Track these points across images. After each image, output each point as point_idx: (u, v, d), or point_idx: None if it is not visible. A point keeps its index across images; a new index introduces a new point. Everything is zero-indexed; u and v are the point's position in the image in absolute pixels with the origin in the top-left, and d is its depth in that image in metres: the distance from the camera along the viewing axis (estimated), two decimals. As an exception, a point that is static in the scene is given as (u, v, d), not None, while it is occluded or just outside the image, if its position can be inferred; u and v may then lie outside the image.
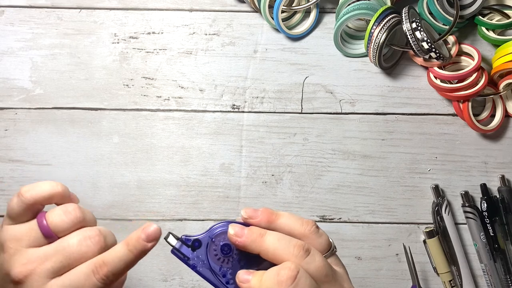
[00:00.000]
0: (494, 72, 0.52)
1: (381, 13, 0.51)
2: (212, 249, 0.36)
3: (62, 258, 0.34)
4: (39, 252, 0.34)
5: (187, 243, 0.36)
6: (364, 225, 0.53)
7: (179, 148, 0.54)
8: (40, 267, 0.34)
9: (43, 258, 0.34)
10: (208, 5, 0.55)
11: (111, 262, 0.34)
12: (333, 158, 0.54)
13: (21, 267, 0.34)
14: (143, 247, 0.35)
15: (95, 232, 0.35)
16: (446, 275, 0.52)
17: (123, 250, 0.35)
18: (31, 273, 0.34)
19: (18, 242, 0.35)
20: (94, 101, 0.54)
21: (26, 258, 0.34)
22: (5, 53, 0.54)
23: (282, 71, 0.55)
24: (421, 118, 0.54)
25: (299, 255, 0.34)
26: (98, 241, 0.35)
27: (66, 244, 0.34)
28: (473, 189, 0.54)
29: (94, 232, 0.35)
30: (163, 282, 0.52)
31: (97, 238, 0.35)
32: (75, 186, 0.53)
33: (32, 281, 0.34)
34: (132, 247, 0.35)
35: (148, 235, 0.35)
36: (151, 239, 0.35)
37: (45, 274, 0.34)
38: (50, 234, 0.35)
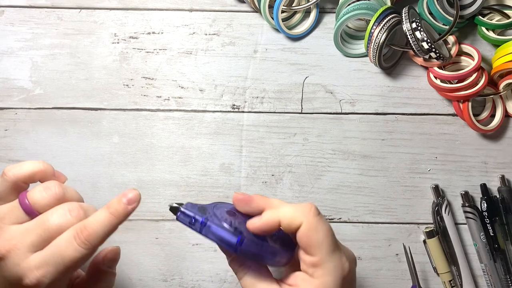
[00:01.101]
0: (494, 72, 0.52)
1: (381, 13, 0.51)
2: (218, 211, 0.37)
3: (41, 232, 0.35)
4: (21, 228, 0.35)
5: (193, 206, 0.37)
6: (364, 225, 0.53)
7: (179, 148, 0.54)
8: (21, 242, 0.35)
9: (25, 233, 0.35)
10: (208, 5, 0.55)
11: (92, 225, 0.35)
12: (333, 158, 0.54)
13: (3, 243, 0.35)
14: (124, 209, 0.36)
15: (75, 206, 0.36)
16: (446, 275, 0.52)
17: (104, 214, 0.36)
18: (13, 247, 0.34)
19: (2, 220, 0.36)
20: (94, 101, 0.54)
21: (9, 234, 0.35)
22: (5, 53, 0.54)
23: (282, 71, 0.55)
24: (421, 118, 0.54)
25: (314, 211, 0.37)
26: (77, 214, 0.36)
27: (45, 218, 0.35)
28: (473, 189, 0.54)
29: (74, 206, 0.36)
30: (163, 282, 0.52)
31: (77, 211, 0.36)
32: (75, 186, 0.52)
33: (14, 256, 0.34)
34: (113, 210, 0.36)
35: (129, 199, 0.37)
36: (132, 201, 0.37)
37: (26, 249, 0.35)
38: (31, 210, 0.36)
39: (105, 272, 0.39)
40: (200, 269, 0.52)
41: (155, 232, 0.53)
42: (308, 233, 0.36)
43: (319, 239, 0.36)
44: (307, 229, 0.36)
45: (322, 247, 0.36)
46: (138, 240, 0.52)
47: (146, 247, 0.52)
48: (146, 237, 0.52)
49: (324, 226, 0.36)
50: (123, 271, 0.52)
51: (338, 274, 0.36)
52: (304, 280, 0.36)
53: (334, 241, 0.37)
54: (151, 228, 0.53)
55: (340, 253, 0.37)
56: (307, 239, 0.36)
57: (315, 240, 0.36)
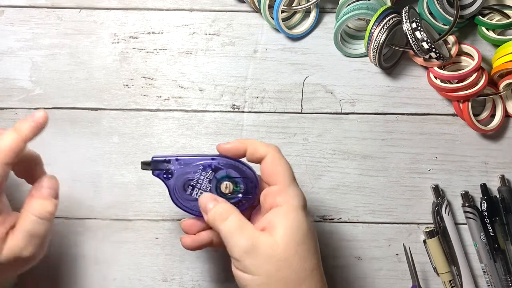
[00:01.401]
0: (494, 72, 0.52)
1: (381, 13, 0.51)
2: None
3: None
4: None
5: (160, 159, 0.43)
6: (364, 225, 0.53)
7: (179, 148, 0.54)
8: None
9: None
10: (208, 5, 0.55)
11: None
12: (333, 158, 0.54)
13: None
14: (29, 126, 0.40)
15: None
16: (446, 275, 0.52)
17: (10, 134, 0.39)
18: None
19: None
20: (94, 101, 0.54)
21: None
22: (5, 53, 0.54)
23: (282, 71, 0.55)
24: (421, 118, 0.54)
25: (277, 149, 0.43)
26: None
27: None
28: (473, 189, 0.54)
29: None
30: (163, 282, 0.52)
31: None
32: (75, 186, 0.53)
33: None
34: (19, 130, 0.39)
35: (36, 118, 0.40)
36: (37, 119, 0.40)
37: None
38: None
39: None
40: (200, 269, 0.52)
41: (155, 232, 0.53)
42: (272, 162, 0.41)
43: (282, 169, 0.41)
44: (271, 159, 0.41)
45: (284, 175, 0.41)
46: (138, 240, 0.52)
47: (146, 247, 0.52)
48: (146, 237, 0.52)
49: (285, 160, 0.42)
50: (123, 271, 0.52)
51: (300, 199, 0.41)
52: (274, 213, 0.40)
53: (293, 175, 0.42)
54: (151, 228, 0.53)
55: (297, 184, 0.42)
56: (272, 168, 0.41)
57: (278, 169, 0.41)
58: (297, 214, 0.40)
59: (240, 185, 0.43)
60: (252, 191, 0.43)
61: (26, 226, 0.39)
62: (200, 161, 0.43)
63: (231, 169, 0.43)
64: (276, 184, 0.41)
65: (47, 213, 0.40)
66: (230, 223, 0.39)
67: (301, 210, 0.40)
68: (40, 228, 0.39)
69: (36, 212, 0.39)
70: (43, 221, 0.40)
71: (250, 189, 0.43)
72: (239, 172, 0.43)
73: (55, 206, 0.41)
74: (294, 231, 0.39)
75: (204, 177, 0.43)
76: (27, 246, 0.39)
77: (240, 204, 0.43)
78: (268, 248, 0.38)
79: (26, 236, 0.39)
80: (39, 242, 0.39)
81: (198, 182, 0.43)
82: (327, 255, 0.52)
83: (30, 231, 0.39)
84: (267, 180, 0.42)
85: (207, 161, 0.43)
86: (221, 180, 0.43)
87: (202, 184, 0.43)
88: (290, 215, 0.39)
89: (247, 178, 0.43)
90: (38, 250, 0.40)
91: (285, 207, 0.40)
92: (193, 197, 0.43)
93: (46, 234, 0.40)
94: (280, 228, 0.39)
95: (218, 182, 0.43)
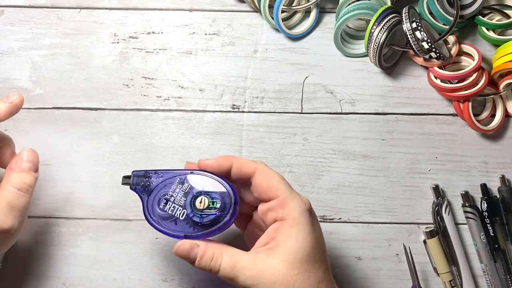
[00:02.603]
0: (494, 72, 0.52)
1: (381, 13, 0.51)
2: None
3: None
4: None
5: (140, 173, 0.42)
6: (364, 225, 0.53)
7: (179, 148, 0.54)
8: None
9: None
10: (208, 5, 0.55)
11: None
12: (333, 158, 0.54)
13: None
14: (5, 106, 0.42)
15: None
16: (446, 275, 0.52)
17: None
18: None
19: None
20: (94, 101, 0.54)
21: None
22: (5, 53, 0.54)
23: (282, 71, 0.55)
24: (421, 118, 0.54)
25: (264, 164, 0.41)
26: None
27: None
28: (473, 189, 0.53)
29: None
30: (163, 282, 0.52)
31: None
32: (75, 186, 0.53)
33: None
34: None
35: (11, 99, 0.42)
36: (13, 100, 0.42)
37: None
38: None
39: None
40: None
41: (155, 232, 0.52)
42: (265, 176, 0.40)
43: (276, 181, 0.40)
44: (262, 174, 0.40)
45: (281, 186, 0.40)
46: (138, 240, 0.52)
47: (146, 247, 0.52)
48: (146, 237, 0.52)
49: (276, 172, 0.41)
50: (123, 271, 0.52)
51: (303, 208, 0.39)
52: (277, 228, 0.39)
53: (288, 184, 0.41)
54: (151, 228, 0.52)
55: (296, 192, 0.40)
56: (266, 183, 0.40)
57: (273, 182, 0.40)
58: (302, 226, 0.38)
59: (217, 201, 0.40)
60: (229, 208, 0.40)
61: (5, 198, 0.40)
62: (178, 174, 0.41)
63: (209, 184, 0.41)
64: (274, 198, 0.40)
65: (26, 185, 0.41)
66: (226, 266, 0.38)
67: (306, 219, 0.39)
68: (19, 200, 0.40)
69: (16, 185, 0.40)
70: (22, 194, 0.41)
71: (227, 206, 0.40)
72: (216, 187, 0.41)
73: (35, 179, 0.42)
74: (297, 249, 0.38)
75: (180, 190, 0.41)
76: (7, 218, 0.39)
77: (216, 223, 0.40)
78: (270, 276, 0.37)
79: (6, 208, 0.39)
80: (18, 215, 0.40)
81: (173, 195, 0.41)
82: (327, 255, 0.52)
83: (9, 203, 0.40)
84: (263, 196, 0.40)
85: (184, 175, 0.41)
86: (197, 195, 0.41)
87: (176, 197, 0.40)
88: (294, 228, 0.38)
89: (225, 193, 0.40)
90: (17, 223, 0.40)
91: (289, 221, 0.38)
92: (166, 212, 0.40)
93: (25, 206, 0.41)
94: (283, 246, 0.38)
95: (193, 197, 0.40)
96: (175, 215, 0.40)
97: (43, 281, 0.51)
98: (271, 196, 0.40)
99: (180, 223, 0.40)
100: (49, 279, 0.51)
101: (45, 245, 0.52)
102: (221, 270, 0.38)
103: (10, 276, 0.50)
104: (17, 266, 0.51)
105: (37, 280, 0.51)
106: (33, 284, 0.51)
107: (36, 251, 0.51)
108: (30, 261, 0.51)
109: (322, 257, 0.40)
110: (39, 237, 0.52)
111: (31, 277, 0.51)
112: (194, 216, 0.40)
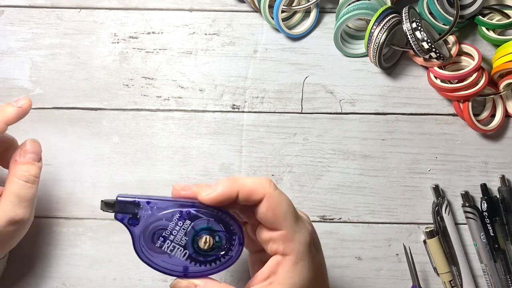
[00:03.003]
0: (494, 72, 0.52)
1: (381, 13, 0.51)
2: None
3: None
4: None
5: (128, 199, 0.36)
6: (364, 225, 0.53)
7: (179, 148, 0.54)
8: None
9: None
10: (208, 5, 0.55)
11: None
12: (333, 158, 0.54)
13: None
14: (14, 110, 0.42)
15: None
16: (446, 275, 0.52)
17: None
18: None
19: None
20: (94, 101, 0.54)
21: None
22: (5, 53, 0.54)
23: (282, 71, 0.55)
24: (421, 118, 0.54)
25: (273, 185, 0.37)
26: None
27: None
28: (473, 189, 0.53)
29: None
30: (163, 282, 0.52)
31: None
32: (75, 186, 0.53)
33: None
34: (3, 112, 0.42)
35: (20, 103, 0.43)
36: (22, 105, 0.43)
37: None
38: None
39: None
40: (200, 269, 0.52)
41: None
42: (272, 206, 0.36)
43: (283, 211, 0.36)
44: (271, 202, 0.36)
45: (287, 218, 0.36)
46: (138, 240, 0.52)
47: (146, 247, 0.52)
48: (146, 237, 0.52)
49: (285, 197, 0.36)
50: (123, 271, 0.52)
51: (307, 241, 0.36)
52: (279, 262, 0.36)
53: (296, 211, 0.37)
54: (151, 228, 0.53)
55: (301, 219, 0.37)
56: (273, 213, 0.36)
57: (280, 212, 0.36)
58: (305, 262, 0.36)
59: (222, 240, 0.36)
60: (235, 249, 0.36)
61: (14, 190, 0.42)
62: (177, 207, 0.35)
63: (213, 219, 0.36)
64: (279, 230, 0.36)
65: (32, 177, 0.43)
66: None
67: (310, 253, 0.36)
68: (27, 192, 0.42)
69: (23, 177, 0.42)
70: (29, 185, 0.42)
71: (232, 246, 0.36)
72: (223, 224, 0.36)
73: (39, 169, 0.44)
74: (300, 286, 0.36)
75: (180, 228, 0.36)
76: (18, 210, 0.42)
77: (219, 263, 0.36)
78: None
79: (15, 200, 0.41)
80: (28, 205, 0.42)
81: (172, 233, 0.36)
82: (327, 255, 0.52)
83: (18, 195, 0.42)
84: (268, 225, 0.36)
85: (186, 209, 0.36)
86: (200, 233, 0.36)
87: (176, 236, 0.36)
88: (298, 265, 0.36)
89: (232, 233, 0.36)
90: (28, 213, 0.43)
91: (292, 257, 0.36)
92: (163, 250, 0.36)
93: (33, 197, 0.43)
94: (285, 284, 0.35)
95: (196, 235, 0.36)
96: (175, 255, 0.36)
97: (43, 281, 0.51)
98: (276, 227, 0.36)
99: (179, 260, 0.36)
100: (49, 279, 0.51)
101: (45, 245, 0.52)
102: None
103: (10, 276, 0.50)
104: (17, 266, 0.51)
105: (37, 280, 0.51)
106: (33, 284, 0.51)
107: (36, 251, 0.51)
108: (30, 261, 0.51)
109: (324, 286, 0.39)
110: (39, 237, 0.52)
111: (31, 277, 0.51)
112: (197, 256, 0.36)
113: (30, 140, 0.44)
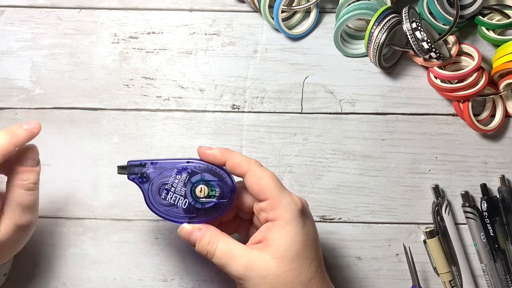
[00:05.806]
0: (494, 72, 0.52)
1: (381, 13, 0.51)
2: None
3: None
4: None
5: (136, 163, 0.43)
6: (364, 225, 0.53)
7: (179, 148, 0.54)
8: None
9: None
10: (208, 5, 0.55)
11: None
12: (333, 158, 0.54)
13: None
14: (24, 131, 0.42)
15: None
16: (446, 275, 0.52)
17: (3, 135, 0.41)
18: None
19: None
20: (94, 101, 0.54)
21: None
22: (5, 53, 0.54)
23: (282, 71, 0.55)
24: (421, 118, 0.54)
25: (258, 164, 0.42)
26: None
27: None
28: (473, 189, 0.54)
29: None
30: (163, 282, 0.52)
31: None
32: (75, 186, 0.53)
33: None
34: (13, 134, 0.41)
35: (30, 126, 0.43)
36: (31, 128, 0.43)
37: None
38: None
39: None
40: (200, 269, 0.52)
41: (155, 232, 0.53)
42: (255, 179, 0.41)
43: (266, 183, 0.41)
44: (253, 176, 0.41)
45: (270, 188, 0.40)
46: (138, 240, 0.52)
47: (146, 247, 0.52)
48: (146, 237, 0.52)
49: (268, 173, 0.42)
50: (123, 271, 0.52)
51: (293, 208, 0.40)
52: (269, 227, 0.40)
53: (280, 184, 0.41)
54: (151, 228, 0.53)
55: (287, 191, 0.41)
56: (257, 185, 0.41)
57: (263, 184, 0.41)
58: (292, 227, 0.40)
59: (216, 189, 0.42)
60: (227, 195, 0.43)
61: (15, 199, 0.42)
62: (175, 164, 0.42)
63: (206, 173, 0.43)
64: (265, 200, 0.41)
65: (32, 184, 0.43)
66: (220, 252, 0.40)
67: (296, 220, 0.40)
68: (29, 199, 0.43)
69: (23, 186, 0.42)
70: (30, 192, 0.43)
71: (226, 193, 0.43)
72: (215, 175, 0.43)
73: (38, 174, 0.44)
74: (288, 247, 0.39)
75: (179, 181, 0.42)
76: (22, 216, 0.42)
77: (216, 208, 0.43)
78: (261, 269, 0.39)
79: (18, 208, 0.42)
80: (31, 211, 0.43)
81: (173, 185, 0.42)
82: (327, 255, 0.52)
83: (20, 203, 0.42)
84: (256, 196, 0.42)
85: (182, 164, 0.42)
86: (196, 184, 0.42)
87: (176, 188, 0.42)
88: (285, 229, 0.40)
89: (223, 181, 0.43)
90: (32, 216, 0.43)
91: (279, 222, 0.40)
92: (167, 201, 0.42)
93: (36, 202, 0.44)
94: (274, 245, 0.39)
95: (193, 186, 0.42)
96: (177, 204, 0.42)
97: (43, 281, 0.51)
98: (262, 197, 0.41)
99: (183, 210, 0.43)
100: (49, 279, 0.51)
101: (45, 245, 0.52)
102: (216, 255, 0.40)
103: (10, 276, 0.50)
104: (17, 266, 0.51)
105: (37, 280, 0.51)
106: (33, 284, 0.51)
107: (36, 251, 0.51)
108: (30, 261, 0.51)
109: (314, 254, 0.40)
110: (40, 237, 0.52)
111: (31, 277, 0.51)
112: (196, 203, 0.42)
113: (26, 147, 0.44)
